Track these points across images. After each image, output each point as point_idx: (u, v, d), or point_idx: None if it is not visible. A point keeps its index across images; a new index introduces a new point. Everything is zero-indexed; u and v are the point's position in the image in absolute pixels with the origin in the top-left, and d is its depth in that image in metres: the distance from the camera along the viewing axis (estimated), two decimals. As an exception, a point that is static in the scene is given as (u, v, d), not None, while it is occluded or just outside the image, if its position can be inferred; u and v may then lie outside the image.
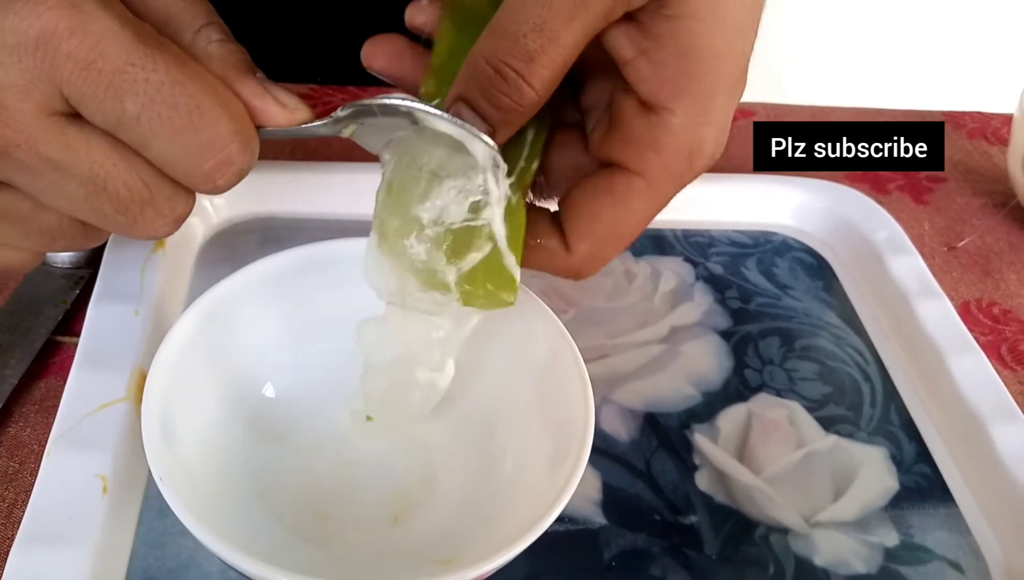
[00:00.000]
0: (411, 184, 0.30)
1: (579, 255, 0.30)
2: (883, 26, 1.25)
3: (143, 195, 0.26)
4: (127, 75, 0.24)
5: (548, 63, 0.27)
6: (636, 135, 0.29)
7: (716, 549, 0.35)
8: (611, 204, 0.30)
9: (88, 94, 0.24)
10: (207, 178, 0.26)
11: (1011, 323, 0.48)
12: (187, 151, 0.25)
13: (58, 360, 0.39)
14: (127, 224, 0.27)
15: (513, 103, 0.28)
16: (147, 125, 0.25)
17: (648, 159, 0.29)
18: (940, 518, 0.37)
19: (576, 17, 0.27)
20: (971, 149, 0.61)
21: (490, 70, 0.27)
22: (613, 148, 0.30)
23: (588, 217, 0.30)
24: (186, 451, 0.29)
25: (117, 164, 0.26)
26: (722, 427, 0.39)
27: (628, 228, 0.31)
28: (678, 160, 0.29)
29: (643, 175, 0.29)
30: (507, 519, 0.30)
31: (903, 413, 0.41)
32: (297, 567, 0.24)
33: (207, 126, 0.25)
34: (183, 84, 0.25)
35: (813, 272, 0.49)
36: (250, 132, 0.27)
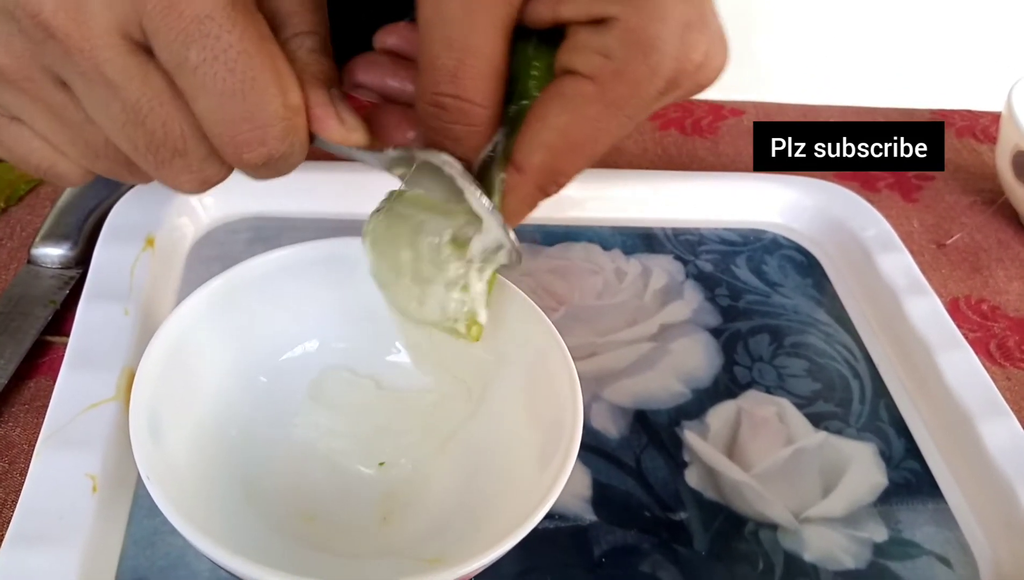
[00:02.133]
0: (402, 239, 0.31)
1: (532, 171, 0.29)
2: (873, 25, 1.25)
3: (176, 143, 0.27)
4: (203, 26, 0.25)
5: (473, 72, 0.27)
6: (582, 42, 0.28)
7: (706, 545, 0.35)
8: (560, 108, 0.28)
9: (162, 30, 0.25)
10: (236, 149, 0.26)
11: (999, 319, 0.48)
12: (228, 116, 0.26)
13: (48, 360, 0.39)
14: (155, 164, 0.27)
15: (465, 127, 0.28)
16: (202, 78, 0.25)
17: (597, 62, 0.28)
18: (928, 513, 0.37)
19: (474, 16, 0.27)
20: (960, 147, 0.61)
21: (430, 108, 0.28)
22: (562, 58, 0.29)
23: (538, 126, 0.29)
24: (174, 450, 0.29)
25: (164, 104, 0.26)
26: (712, 424, 0.40)
27: (581, 135, 0.29)
28: (631, 61, 0.27)
29: (594, 79, 0.28)
30: (496, 518, 0.30)
31: (892, 409, 0.42)
32: (285, 566, 0.24)
33: (255, 100, 0.26)
34: (249, 55, 0.25)
35: (803, 270, 0.49)
36: (297, 126, 0.27)
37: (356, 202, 0.45)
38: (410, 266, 0.31)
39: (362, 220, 0.32)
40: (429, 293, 0.31)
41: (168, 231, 0.43)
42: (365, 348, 0.35)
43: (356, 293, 0.34)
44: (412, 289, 0.31)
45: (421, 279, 0.31)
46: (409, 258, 0.31)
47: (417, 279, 0.31)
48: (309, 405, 0.34)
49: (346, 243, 0.34)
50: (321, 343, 0.36)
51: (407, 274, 0.31)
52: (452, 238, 0.30)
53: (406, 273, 0.31)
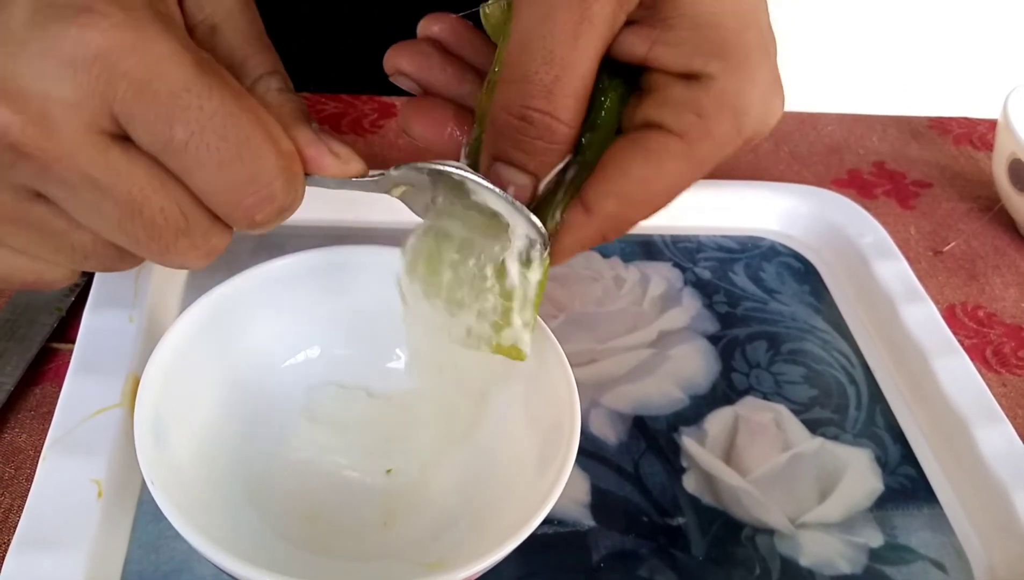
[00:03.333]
0: (439, 257, 0.30)
1: (600, 216, 0.29)
2: (871, 33, 1.26)
3: (179, 224, 0.26)
4: (181, 100, 0.24)
5: (569, 91, 0.27)
6: (675, 97, 0.28)
7: (703, 550, 0.35)
8: (643, 160, 0.28)
9: (139, 115, 0.24)
10: (247, 213, 0.26)
11: (996, 326, 0.48)
12: (230, 183, 0.25)
13: (54, 366, 0.39)
14: (159, 251, 0.26)
15: (546, 144, 0.27)
16: (194, 153, 0.24)
17: (689, 120, 0.27)
18: (924, 519, 0.38)
19: (581, 36, 0.26)
20: (957, 154, 0.61)
21: (514, 120, 0.27)
22: (651, 111, 0.28)
23: (616, 173, 0.28)
24: (178, 455, 0.29)
25: (157, 190, 0.25)
26: (709, 430, 0.40)
27: (658, 190, 0.29)
28: (722, 123, 0.28)
29: (683, 136, 0.28)
30: (495, 522, 0.30)
31: (888, 415, 0.42)
32: (287, 570, 0.25)
33: (254, 160, 0.25)
34: (236, 116, 0.25)
35: (800, 277, 0.49)
36: (296, 173, 0.27)
37: (360, 211, 0.46)
38: (446, 289, 0.30)
39: (365, 228, 0.33)
40: (459, 318, 0.31)
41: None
42: (366, 354, 0.36)
43: (358, 300, 0.35)
44: (442, 311, 0.31)
45: (455, 302, 0.30)
46: (448, 280, 0.30)
47: (452, 302, 0.30)
48: (306, 426, 0.34)
49: (348, 251, 0.35)
50: (323, 350, 0.36)
51: (442, 296, 0.31)
52: (498, 265, 0.30)
53: (441, 295, 0.31)
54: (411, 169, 0.29)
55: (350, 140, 0.54)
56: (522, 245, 0.29)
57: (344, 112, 0.56)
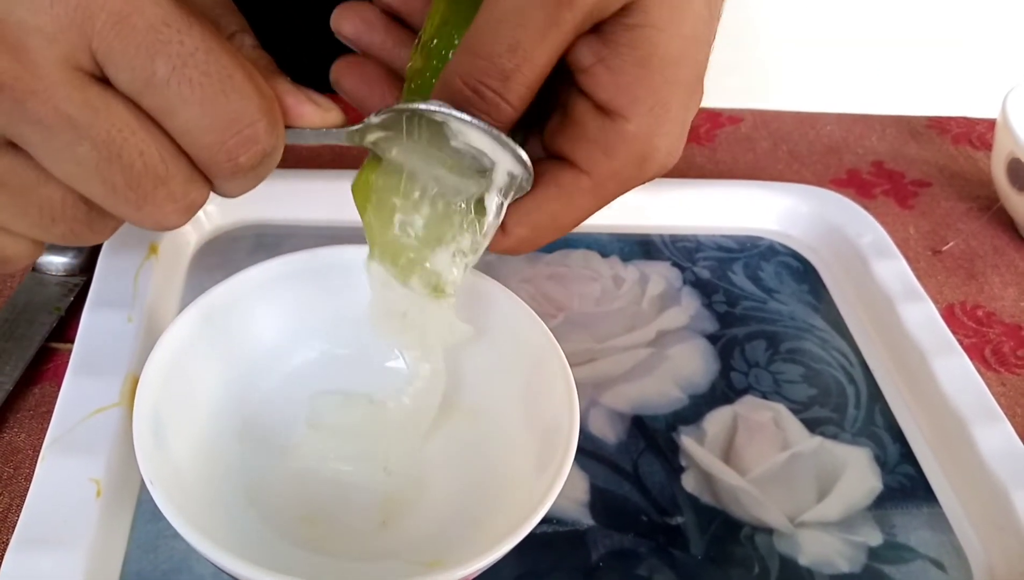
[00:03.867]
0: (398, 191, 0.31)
1: (513, 238, 0.31)
2: (869, 32, 1.26)
3: (158, 170, 0.25)
4: (161, 34, 0.23)
5: (524, 80, 0.28)
6: (589, 135, 0.29)
7: (702, 549, 0.35)
8: (555, 196, 0.30)
9: (118, 50, 0.23)
10: (230, 154, 0.25)
11: (995, 325, 0.48)
12: (214, 121, 0.24)
13: (52, 366, 0.39)
14: (136, 202, 0.25)
15: (491, 120, 0.28)
16: (176, 89, 0.24)
17: (598, 160, 0.29)
18: (923, 518, 0.38)
19: (549, 35, 0.27)
20: (956, 154, 0.61)
21: (467, 90, 0.28)
22: (565, 144, 0.30)
23: (531, 205, 0.30)
24: (177, 454, 0.29)
25: (136, 131, 0.24)
26: (708, 429, 0.40)
27: (567, 221, 0.31)
28: (628, 166, 0.30)
29: (591, 174, 0.30)
30: (493, 522, 0.30)
31: (887, 415, 0.42)
32: (286, 569, 0.25)
33: (238, 98, 0.25)
34: (217, 52, 0.24)
35: (799, 276, 0.49)
36: (278, 116, 0.27)
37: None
38: (420, 226, 0.31)
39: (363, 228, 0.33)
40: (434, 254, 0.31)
41: (171, 239, 0.43)
42: (366, 354, 0.36)
43: (356, 300, 0.34)
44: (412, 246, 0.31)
45: (431, 240, 0.31)
46: (421, 217, 0.31)
47: (427, 240, 0.31)
48: (309, 433, 0.34)
49: (346, 251, 0.35)
50: (322, 350, 0.36)
51: (413, 234, 0.31)
52: (476, 200, 0.30)
53: (410, 233, 0.31)
54: (392, 112, 0.28)
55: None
56: (503, 182, 0.29)
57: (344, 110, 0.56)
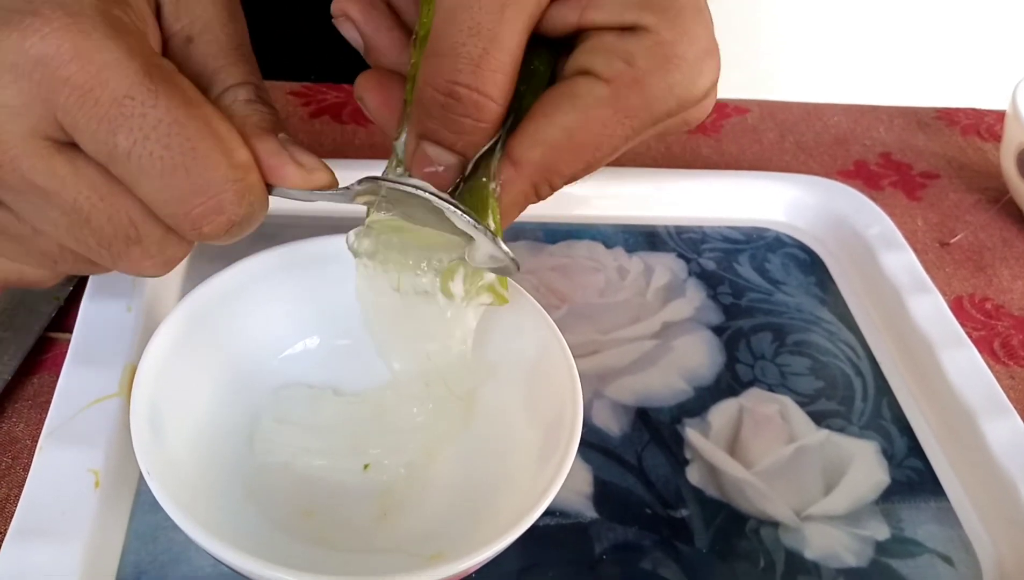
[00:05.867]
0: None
1: (528, 167, 0.28)
2: (877, 23, 1.25)
3: (128, 233, 0.25)
4: (124, 108, 0.23)
5: (496, 65, 0.26)
6: (606, 45, 0.27)
7: (707, 543, 0.35)
8: (568, 106, 0.27)
9: (82, 122, 0.23)
10: (193, 225, 0.25)
11: (1003, 318, 0.48)
12: (175, 193, 0.24)
13: (51, 356, 0.39)
14: (111, 259, 0.26)
15: (474, 122, 0.27)
16: (137, 161, 0.24)
17: (618, 67, 0.27)
18: (931, 512, 0.37)
19: (507, 7, 0.26)
20: (964, 145, 0.61)
21: (440, 96, 0.26)
22: (580, 58, 0.28)
23: (542, 122, 0.27)
24: (175, 446, 0.29)
25: (104, 197, 0.25)
26: (713, 422, 0.40)
27: (585, 137, 0.27)
28: (652, 72, 0.27)
29: (610, 82, 0.27)
30: (496, 514, 0.30)
31: (894, 407, 0.42)
32: (284, 561, 0.24)
33: (199, 171, 0.24)
34: (182, 124, 0.24)
35: (806, 268, 0.49)
36: (251, 185, 0.26)
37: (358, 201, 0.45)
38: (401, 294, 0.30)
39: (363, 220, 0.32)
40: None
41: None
42: (365, 344, 0.35)
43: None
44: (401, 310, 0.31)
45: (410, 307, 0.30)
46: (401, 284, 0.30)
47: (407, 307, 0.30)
48: (276, 428, 0.34)
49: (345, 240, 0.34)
50: (322, 339, 0.36)
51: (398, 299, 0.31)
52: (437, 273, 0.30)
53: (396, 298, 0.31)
54: (374, 183, 0.28)
55: (351, 130, 0.54)
56: (485, 264, 0.28)
57: (346, 101, 0.56)
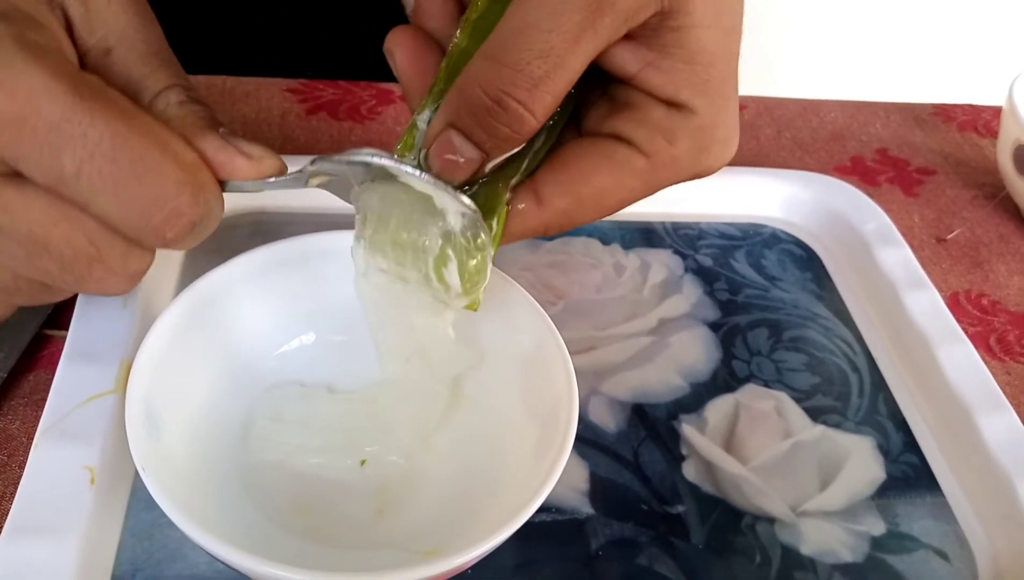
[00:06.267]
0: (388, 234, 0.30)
1: (551, 211, 0.29)
2: (874, 18, 1.25)
3: (88, 253, 0.25)
4: (62, 131, 0.23)
5: (552, 89, 0.26)
6: (653, 120, 0.28)
7: (703, 538, 0.35)
8: (607, 170, 0.29)
9: (23, 153, 0.23)
10: (157, 233, 0.25)
11: (1000, 314, 0.48)
12: (132, 206, 0.24)
13: (47, 354, 0.39)
14: (75, 282, 0.26)
15: (512, 132, 0.27)
16: (87, 181, 0.24)
17: (659, 144, 0.28)
18: (927, 507, 0.37)
19: (583, 40, 0.26)
20: (961, 141, 0.61)
21: (488, 100, 0.26)
22: (623, 125, 0.29)
23: (578, 175, 0.29)
24: (170, 442, 0.29)
25: (59, 223, 0.24)
26: (710, 418, 0.40)
27: (612, 201, 0.29)
28: (687, 153, 0.29)
29: (649, 156, 0.29)
30: (491, 511, 0.30)
31: (891, 403, 0.42)
32: (280, 557, 0.24)
33: (152, 179, 0.24)
34: (124, 136, 0.24)
35: (802, 264, 0.49)
36: (203, 184, 0.26)
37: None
38: (395, 260, 0.30)
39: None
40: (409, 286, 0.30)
41: (167, 225, 0.43)
42: (361, 340, 0.35)
43: (352, 287, 0.34)
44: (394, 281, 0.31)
45: (403, 270, 0.30)
46: (395, 252, 0.30)
47: (400, 270, 0.30)
48: (271, 427, 0.34)
49: (342, 237, 0.34)
50: (318, 336, 0.36)
51: (391, 266, 0.30)
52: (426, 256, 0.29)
53: (391, 264, 0.30)
54: (326, 162, 0.28)
55: (348, 127, 0.54)
56: (458, 223, 0.28)
57: (342, 98, 0.56)
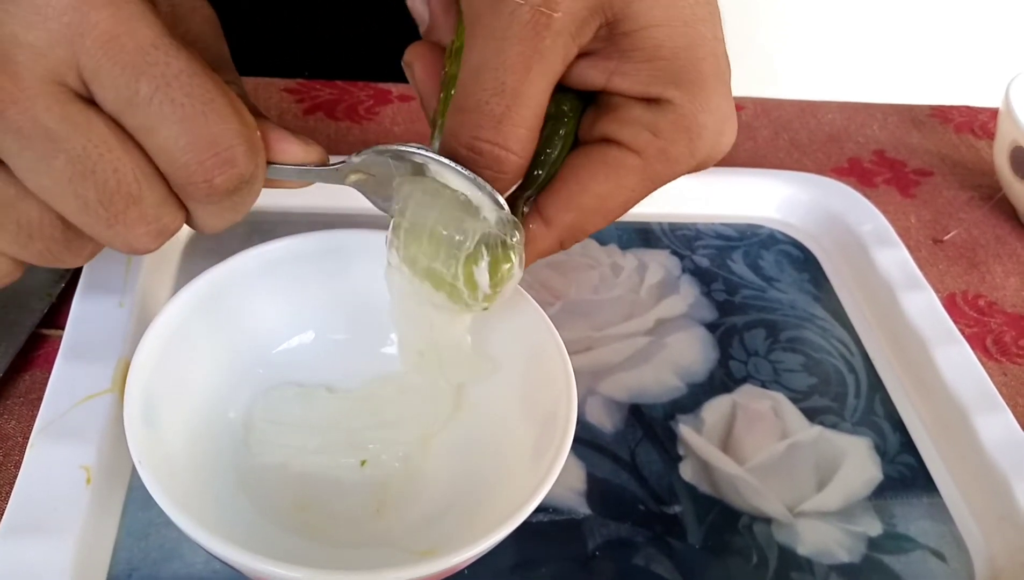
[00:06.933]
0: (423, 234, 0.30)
1: (560, 228, 0.30)
2: (872, 20, 1.25)
3: (131, 189, 0.25)
4: (149, 56, 0.24)
5: (519, 120, 0.27)
6: (634, 117, 0.29)
7: (700, 539, 0.35)
8: (603, 176, 0.29)
9: (106, 68, 0.24)
10: (207, 174, 0.26)
11: (996, 315, 0.48)
12: (193, 140, 0.25)
13: (43, 353, 0.39)
14: (107, 220, 0.26)
15: (495, 173, 0.28)
16: (158, 108, 0.24)
17: (646, 139, 0.29)
18: (923, 508, 0.37)
19: (532, 67, 0.27)
20: (958, 143, 0.61)
21: (463, 150, 0.28)
22: (609, 127, 0.29)
23: (576, 188, 0.30)
24: (168, 438, 0.29)
25: (113, 148, 0.25)
26: (707, 418, 0.40)
27: (615, 204, 0.30)
28: (677, 144, 0.29)
29: (640, 153, 0.29)
30: (489, 510, 0.30)
31: (887, 404, 0.42)
32: (279, 556, 0.24)
33: (218, 120, 0.25)
34: (200, 77, 0.25)
35: (799, 265, 0.49)
36: (258, 145, 0.27)
37: (352, 198, 0.45)
38: (427, 262, 0.30)
39: (357, 215, 0.32)
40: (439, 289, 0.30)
41: (164, 225, 0.43)
42: (361, 339, 0.35)
43: (351, 285, 0.34)
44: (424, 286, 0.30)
45: (434, 273, 0.30)
46: (427, 253, 0.30)
47: (431, 274, 0.30)
48: (271, 429, 0.34)
49: (343, 235, 0.34)
50: (317, 335, 0.36)
51: (421, 269, 0.30)
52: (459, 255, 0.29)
53: (421, 268, 0.30)
54: (373, 153, 0.29)
55: (345, 127, 0.54)
56: (493, 222, 0.29)
57: (340, 98, 0.56)
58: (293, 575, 0.24)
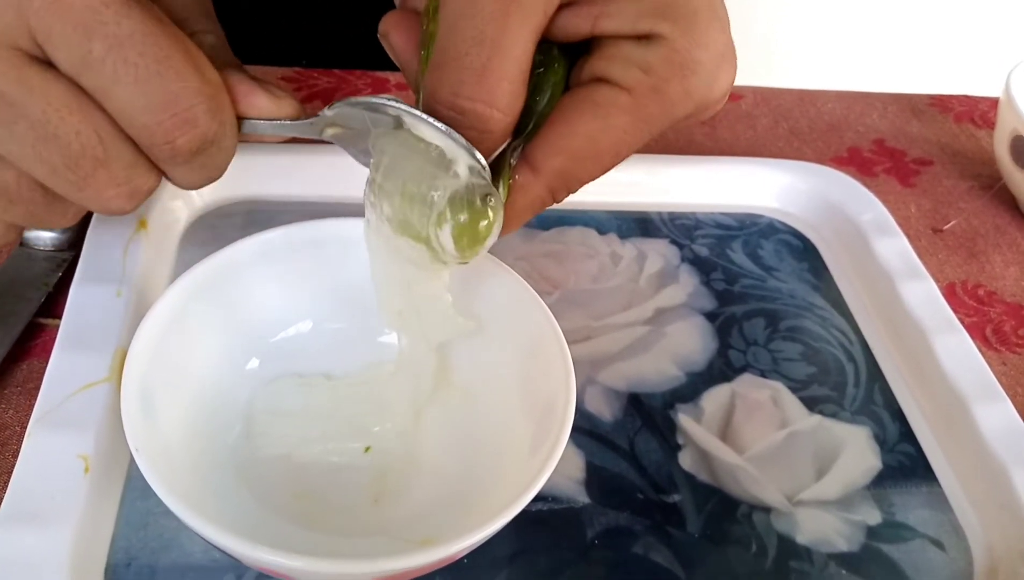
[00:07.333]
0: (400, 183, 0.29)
1: (548, 174, 0.28)
2: (871, 9, 1.25)
3: (96, 152, 0.25)
4: (99, 15, 0.23)
5: (502, 73, 0.25)
6: (624, 54, 0.27)
7: (699, 527, 0.35)
8: (591, 115, 0.28)
9: (56, 29, 0.23)
10: (167, 135, 0.25)
11: (996, 304, 0.48)
12: (149, 101, 0.24)
13: (40, 342, 0.38)
14: (77, 183, 0.25)
15: (480, 133, 0.26)
16: (112, 68, 0.24)
17: (636, 76, 0.27)
18: (922, 497, 0.37)
19: (511, 15, 0.25)
20: (958, 132, 0.61)
21: (445, 110, 0.26)
22: (597, 65, 0.28)
23: (564, 129, 0.28)
24: (165, 428, 0.29)
25: (74, 111, 0.24)
26: (706, 407, 0.40)
27: (605, 146, 0.28)
28: (670, 80, 0.27)
29: (631, 91, 0.27)
30: (487, 499, 0.30)
31: (887, 393, 0.42)
32: (276, 545, 0.24)
33: (173, 78, 0.24)
34: (154, 36, 0.24)
35: (799, 254, 0.49)
36: (222, 104, 0.26)
37: (350, 186, 0.45)
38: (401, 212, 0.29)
39: (354, 204, 0.32)
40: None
41: (161, 214, 0.43)
42: (358, 328, 0.35)
43: (349, 274, 0.34)
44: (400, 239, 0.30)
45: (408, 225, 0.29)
46: (400, 203, 0.29)
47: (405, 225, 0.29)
48: (272, 421, 0.33)
49: (340, 224, 0.34)
50: (314, 324, 0.36)
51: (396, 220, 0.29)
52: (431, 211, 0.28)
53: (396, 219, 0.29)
54: (345, 105, 0.28)
55: (343, 115, 0.53)
56: (467, 179, 0.27)
57: (337, 87, 0.55)
58: (291, 563, 0.24)
